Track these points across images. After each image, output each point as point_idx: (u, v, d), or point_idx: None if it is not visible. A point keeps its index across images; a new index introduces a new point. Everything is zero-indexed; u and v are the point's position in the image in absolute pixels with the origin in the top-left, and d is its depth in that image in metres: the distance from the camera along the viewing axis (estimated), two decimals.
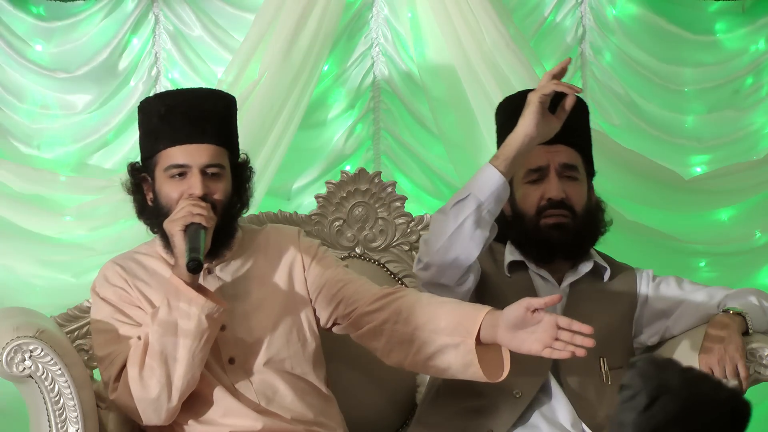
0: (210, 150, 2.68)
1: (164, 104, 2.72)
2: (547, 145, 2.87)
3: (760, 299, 2.85)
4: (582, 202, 2.93)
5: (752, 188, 3.64)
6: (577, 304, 2.91)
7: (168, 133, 2.69)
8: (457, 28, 3.45)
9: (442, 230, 2.72)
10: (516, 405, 2.79)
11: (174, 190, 2.67)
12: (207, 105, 2.73)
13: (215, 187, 2.68)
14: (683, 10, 3.70)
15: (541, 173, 2.91)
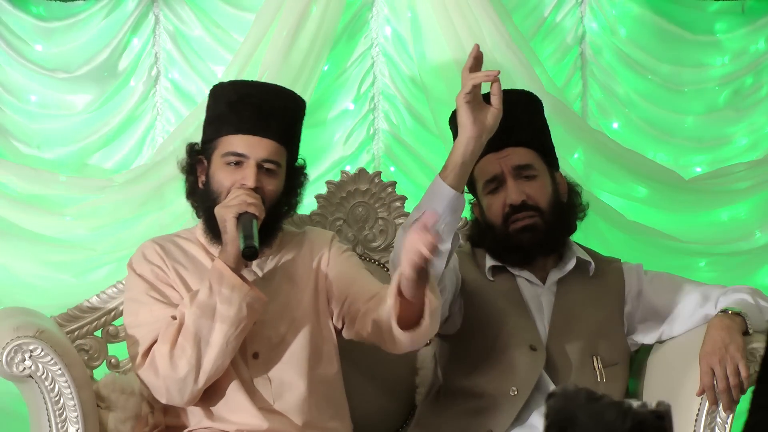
0: (270, 145, 2.72)
1: (237, 92, 2.76)
2: (496, 152, 2.90)
3: (755, 297, 2.85)
4: (546, 197, 2.93)
5: (752, 188, 3.64)
6: (565, 303, 2.92)
7: (234, 121, 2.72)
8: (457, 28, 3.45)
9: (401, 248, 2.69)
10: (514, 403, 2.79)
11: (227, 178, 2.70)
12: (277, 102, 2.77)
13: (268, 182, 2.72)
14: (683, 10, 3.70)
15: (497, 181, 2.92)
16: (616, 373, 2.91)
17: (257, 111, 2.72)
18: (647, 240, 3.57)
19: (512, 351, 2.84)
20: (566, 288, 2.94)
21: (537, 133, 3.01)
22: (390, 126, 3.62)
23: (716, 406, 2.70)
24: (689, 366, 2.75)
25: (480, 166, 2.94)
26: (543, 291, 2.94)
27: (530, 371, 2.82)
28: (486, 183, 2.94)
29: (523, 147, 2.94)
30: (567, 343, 2.88)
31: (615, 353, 2.92)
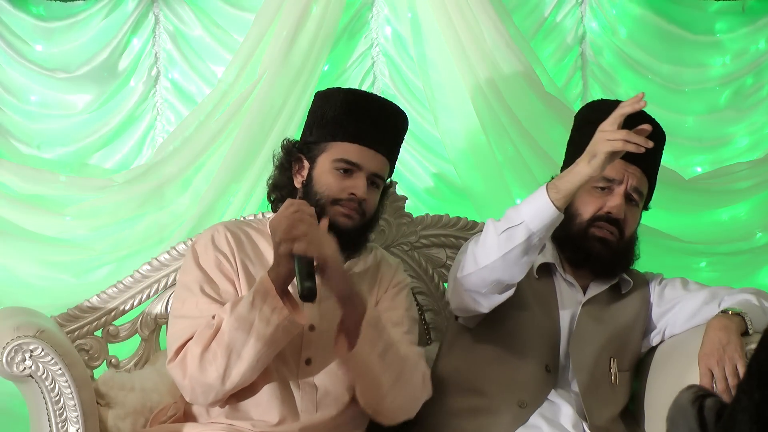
0: (381, 161, 2.73)
1: (355, 101, 2.75)
2: (627, 162, 2.86)
3: (760, 299, 2.85)
4: (632, 228, 2.95)
5: (753, 188, 3.64)
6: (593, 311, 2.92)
7: (352, 128, 2.71)
8: (457, 28, 3.45)
9: (490, 250, 2.68)
10: (520, 415, 2.79)
11: (336, 183, 2.69)
12: (394, 119, 2.78)
13: (371, 195, 2.72)
14: (684, 10, 3.70)
15: (611, 185, 2.90)
16: (626, 379, 2.94)
17: (376, 125, 2.73)
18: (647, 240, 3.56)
19: (528, 366, 2.83)
20: (598, 300, 2.95)
21: (657, 168, 3.02)
22: None
23: None
24: (689, 366, 2.75)
25: None
26: (581, 300, 2.94)
27: (541, 391, 2.83)
28: (602, 178, 2.90)
29: (645, 176, 2.94)
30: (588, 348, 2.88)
31: (628, 361, 2.95)
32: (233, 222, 2.87)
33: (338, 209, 2.68)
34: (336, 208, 2.68)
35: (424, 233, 3.30)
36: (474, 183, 3.52)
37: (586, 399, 2.83)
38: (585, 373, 2.86)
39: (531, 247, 2.63)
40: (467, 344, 2.94)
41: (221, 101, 3.42)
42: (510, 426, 2.78)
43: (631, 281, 2.98)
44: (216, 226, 2.81)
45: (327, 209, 2.67)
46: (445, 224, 3.31)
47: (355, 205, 2.68)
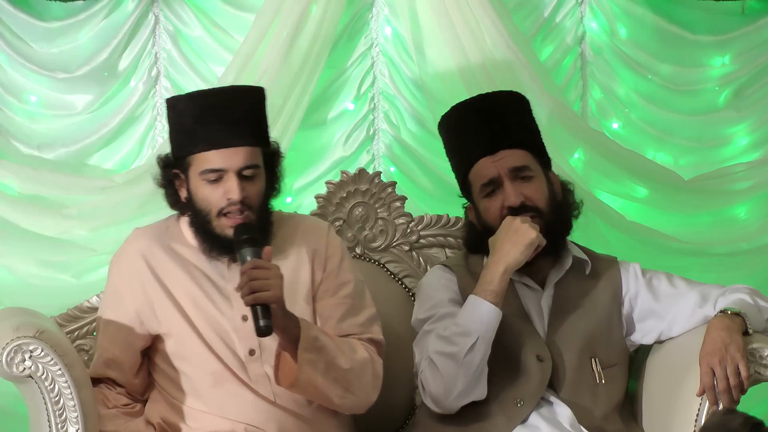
0: (246, 152, 2.70)
1: (198, 105, 2.71)
2: (491, 155, 2.89)
3: (754, 297, 2.84)
4: (543, 197, 2.92)
5: (752, 188, 3.64)
6: (562, 305, 2.92)
7: (203, 137, 2.68)
8: (457, 28, 3.45)
9: (455, 380, 2.74)
10: (517, 413, 2.79)
11: (211, 194, 2.69)
12: (242, 105, 2.73)
13: (251, 188, 2.70)
14: (684, 10, 3.70)
15: (494, 184, 2.91)
16: (615, 374, 2.91)
17: (224, 122, 2.68)
18: (647, 240, 3.57)
19: (520, 361, 2.84)
20: (563, 289, 2.93)
21: (529, 133, 3.00)
22: (390, 126, 3.62)
23: (716, 406, 2.70)
24: (689, 366, 2.75)
25: (476, 170, 2.93)
26: (543, 295, 2.93)
27: (538, 383, 2.82)
28: (482, 187, 2.92)
29: (517, 148, 2.92)
30: (566, 345, 2.87)
31: (613, 354, 2.92)
32: (155, 230, 2.88)
33: (224, 222, 2.69)
34: (222, 221, 2.70)
35: (423, 233, 3.30)
36: None
37: (572, 403, 2.81)
38: (567, 376, 2.85)
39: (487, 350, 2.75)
40: None
41: None
42: (508, 425, 2.78)
43: (588, 260, 2.96)
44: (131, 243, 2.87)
45: (215, 224, 2.70)
46: (445, 224, 3.31)
47: (237, 207, 2.67)
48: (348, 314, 2.81)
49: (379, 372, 2.79)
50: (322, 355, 2.64)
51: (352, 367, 2.71)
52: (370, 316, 2.86)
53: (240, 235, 2.64)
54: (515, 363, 2.83)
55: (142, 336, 2.80)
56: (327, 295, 2.82)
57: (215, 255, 2.75)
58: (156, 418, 2.78)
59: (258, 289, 2.55)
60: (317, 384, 2.66)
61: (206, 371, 2.74)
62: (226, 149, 2.67)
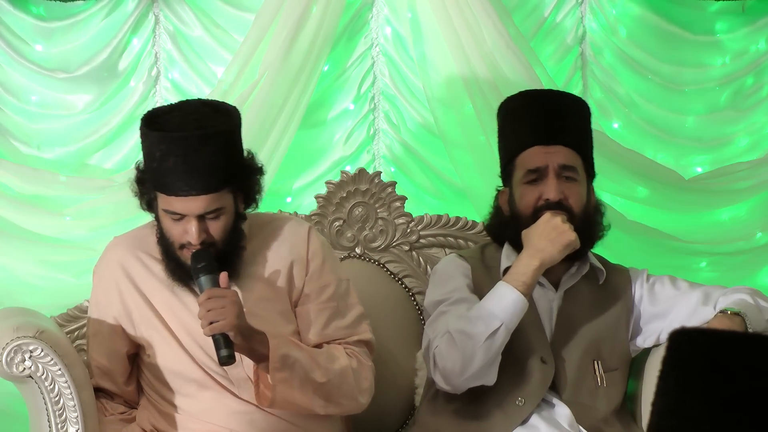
0: (205, 200, 2.62)
1: (160, 147, 2.61)
2: (545, 146, 2.87)
3: (755, 297, 2.84)
4: (580, 203, 2.91)
5: (753, 188, 3.64)
6: (570, 308, 2.91)
7: (164, 180, 2.62)
8: (457, 28, 3.44)
9: (471, 359, 2.72)
10: (518, 413, 2.79)
11: (173, 228, 2.66)
12: (202, 153, 2.60)
13: (215, 225, 2.65)
14: (683, 10, 3.69)
15: (539, 174, 2.89)
16: (616, 378, 2.91)
17: (183, 170, 2.59)
18: (647, 240, 3.57)
19: (524, 362, 2.83)
20: (574, 294, 2.93)
21: (585, 140, 3.00)
22: (390, 126, 3.62)
23: None
24: None
25: (526, 155, 2.91)
26: (555, 297, 2.93)
27: (540, 385, 2.82)
28: (527, 172, 2.90)
29: (571, 149, 2.92)
30: (570, 349, 2.87)
31: (616, 359, 2.92)
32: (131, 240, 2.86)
33: (185, 253, 2.67)
34: (183, 253, 2.67)
35: (423, 233, 3.30)
36: (474, 183, 3.52)
37: (572, 404, 2.81)
38: (568, 377, 2.85)
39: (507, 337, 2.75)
40: None
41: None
42: (509, 425, 2.77)
43: (603, 270, 2.96)
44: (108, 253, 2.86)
45: (177, 254, 2.68)
46: (445, 224, 3.31)
47: (195, 246, 2.64)
48: (332, 318, 2.79)
49: (366, 375, 2.77)
50: (295, 371, 2.63)
51: (329, 379, 2.68)
52: (357, 316, 2.83)
53: (195, 263, 2.62)
54: (519, 363, 2.83)
55: (125, 343, 2.80)
56: (309, 300, 2.79)
57: (176, 279, 2.72)
58: (147, 425, 2.79)
59: (214, 319, 2.55)
60: (295, 399, 2.65)
61: (188, 378, 2.74)
62: (186, 197, 2.61)
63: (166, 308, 2.76)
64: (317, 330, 2.77)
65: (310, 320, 2.77)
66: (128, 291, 2.78)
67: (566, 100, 3.02)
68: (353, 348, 2.78)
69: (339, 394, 2.71)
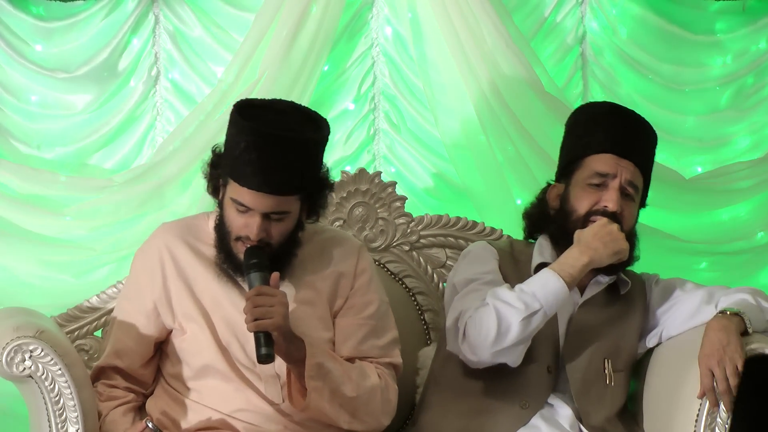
0: (276, 200, 2.65)
1: (246, 138, 2.63)
2: (620, 157, 2.90)
3: (757, 298, 2.84)
4: (631, 223, 2.94)
5: (753, 188, 3.64)
6: (589, 311, 2.92)
7: (241, 171, 2.65)
8: (457, 28, 3.44)
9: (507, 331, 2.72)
10: (521, 416, 2.79)
11: (235, 219, 2.69)
12: (288, 156, 2.64)
13: (276, 228, 2.68)
14: (684, 10, 3.70)
15: (605, 180, 2.91)
16: (621, 379, 2.92)
17: (263, 166, 2.62)
18: (648, 240, 3.55)
19: (529, 367, 2.83)
20: (595, 300, 2.94)
21: (650, 166, 3.02)
22: (390, 126, 3.62)
23: (717, 408, 2.70)
24: (689, 367, 2.75)
25: (599, 158, 2.92)
26: (578, 300, 2.93)
27: (543, 392, 2.83)
28: (594, 174, 2.91)
29: (639, 169, 2.95)
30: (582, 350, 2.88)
31: (625, 361, 2.94)
32: (182, 227, 2.87)
33: (239, 246, 2.69)
34: (238, 245, 2.70)
35: (424, 233, 3.30)
36: (474, 183, 3.52)
37: (579, 400, 2.82)
38: (578, 374, 2.85)
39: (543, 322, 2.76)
40: None
41: (221, 101, 3.41)
42: (511, 426, 2.78)
43: (629, 282, 2.97)
44: (157, 237, 2.85)
45: (231, 244, 2.70)
46: (445, 224, 3.31)
47: (252, 242, 2.66)
48: (369, 336, 2.82)
49: (391, 398, 2.79)
50: (327, 382, 2.66)
51: (359, 395, 2.71)
52: (392, 340, 2.86)
53: (249, 259, 2.65)
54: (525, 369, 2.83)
55: (157, 329, 2.81)
56: (351, 313, 2.83)
57: (225, 269, 2.75)
58: (156, 413, 2.79)
59: (260, 317, 2.57)
60: (323, 409, 2.67)
61: (214, 370, 2.75)
62: (258, 193, 2.64)
63: (209, 296, 2.78)
64: (353, 344, 2.80)
65: (349, 333, 2.81)
66: (172, 276, 2.79)
67: (644, 125, 3.01)
68: (383, 369, 2.81)
69: (365, 412, 2.73)
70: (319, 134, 2.71)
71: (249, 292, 2.61)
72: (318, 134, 2.70)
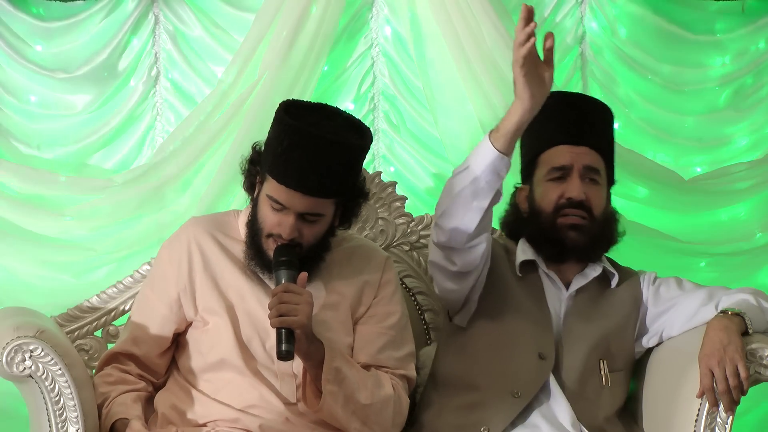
0: (312, 202, 2.67)
1: (291, 138, 2.65)
2: (573, 145, 2.90)
3: (758, 298, 2.85)
4: (601, 206, 2.95)
5: (752, 188, 3.64)
6: (580, 309, 2.92)
7: (281, 169, 2.66)
8: (457, 28, 3.45)
9: (446, 196, 2.75)
10: (515, 405, 2.79)
11: (269, 217, 2.70)
12: (331, 159, 2.65)
13: (308, 229, 2.70)
14: (683, 10, 3.70)
15: (564, 172, 2.93)
16: (620, 379, 2.93)
17: (304, 167, 2.64)
18: (647, 240, 3.57)
19: (520, 355, 2.84)
20: (586, 294, 2.95)
21: (610, 146, 3.03)
22: (390, 126, 3.62)
23: (717, 408, 2.70)
24: (688, 367, 2.75)
25: (552, 152, 2.95)
26: (565, 296, 2.94)
27: (535, 378, 2.83)
28: (552, 170, 2.94)
29: (596, 152, 2.96)
30: (577, 348, 2.88)
31: (621, 360, 2.94)
32: (211, 221, 2.90)
33: (270, 244, 2.71)
34: (269, 242, 2.72)
35: (424, 233, 3.30)
36: None
37: (575, 401, 2.82)
38: (573, 375, 2.86)
39: (479, 190, 2.68)
40: (461, 343, 2.95)
41: (221, 101, 3.42)
42: (505, 416, 2.78)
43: (616, 273, 2.98)
44: (186, 229, 2.88)
45: (262, 241, 2.72)
46: None
47: (284, 240, 2.68)
48: (388, 346, 2.83)
49: (402, 410, 2.81)
50: (342, 387, 2.67)
51: (372, 403, 2.72)
52: (409, 353, 2.88)
53: (279, 256, 2.66)
54: (516, 356, 2.84)
55: (178, 320, 2.83)
56: (372, 321, 2.84)
57: (254, 266, 2.77)
58: (163, 407, 2.79)
59: (285, 313, 2.57)
60: (336, 414, 2.68)
61: (230, 364, 2.76)
62: (296, 192, 2.66)
63: (234, 290, 2.80)
64: (372, 352, 2.81)
65: (368, 340, 2.82)
66: (199, 268, 2.81)
67: (594, 104, 3.04)
68: (397, 380, 2.82)
69: (376, 421, 2.74)
70: (363, 141, 2.73)
71: (276, 288, 2.62)
72: (361, 141, 2.73)
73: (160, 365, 2.87)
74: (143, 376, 2.85)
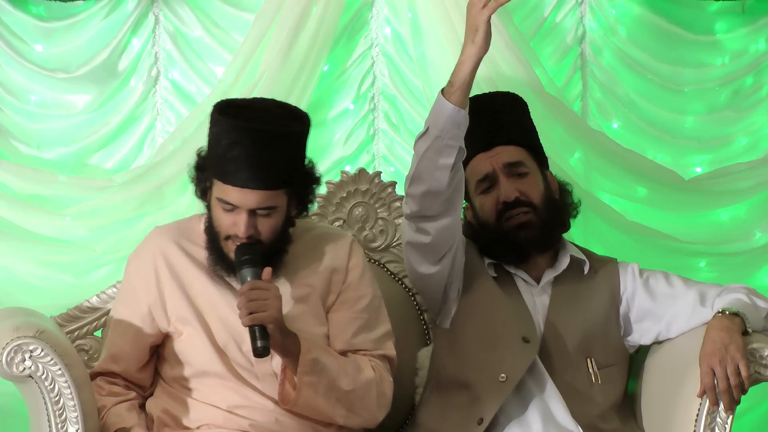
0: (262, 195, 2.66)
1: (230, 136, 2.63)
2: (486, 151, 2.93)
3: (751, 296, 2.85)
4: (538, 194, 2.95)
5: (752, 188, 3.64)
6: (560, 303, 2.93)
7: (226, 169, 2.65)
8: (457, 28, 3.45)
9: (412, 164, 2.77)
10: (502, 389, 2.79)
11: (223, 219, 2.70)
12: (273, 150, 2.65)
13: (264, 223, 2.69)
14: (683, 10, 3.70)
15: (489, 180, 2.95)
16: (612, 374, 2.92)
17: (248, 162, 2.63)
18: (647, 240, 3.57)
19: (503, 341, 2.85)
20: (561, 288, 2.95)
21: (525, 131, 3.04)
22: (390, 126, 3.62)
23: (717, 407, 2.70)
24: (688, 367, 2.75)
25: (471, 166, 2.97)
26: (537, 291, 2.95)
27: (521, 360, 2.82)
28: (478, 183, 2.97)
29: (512, 145, 2.97)
30: (562, 343, 2.89)
31: (610, 355, 2.93)
32: (175, 230, 2.88)
33: (230, 245, 2.70)
34: (228, 244, 2.71)
35: None
36: None
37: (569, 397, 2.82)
38: (561, 374, 2.86)
39: (444, 148, 2.71)
40: (450, 343, 2.96)
41: None
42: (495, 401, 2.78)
43: (586, 260, 2.98)
44: (151, 240, 2.86)
45: (222, 244, 2.71)
46: None
47: (241, 239, 2.67)
48: (362, 329, 2.82)
49: (386, 391, 2.80)
50: (323, 377, 2.66)
51: (355, 388, 2.71)
52: (385, 332, 2.86)
53: (240, 255, 2.65)
54: (500, 344, 2.85)
55: (153, 334, 2.82)
56: (344, 307, 2.83)
57: (219, 270, 2.76)
58: (157, 412, 2.79)
59: (255, 310, 2.57)
60: (318, 405, 2.68)
61: (210, 372, 2.75)
62: (242, 189, 2.64)
63: (204, 298, 2.79)
64: (346, 338, 2.80)
65: (341, 327, 2.81)
66: (166, 279, 2.80)
67: (495, 100, 3.05)
68: (377, 361, 2.81)
69: (361, 406, 2.74)
70: (300, 127, 2.73)
71: (242, 287, 2.61)
72: (298, 127, 2.72)
73: (143, 378, 2.86)
74: (130, 387, 2.85)
